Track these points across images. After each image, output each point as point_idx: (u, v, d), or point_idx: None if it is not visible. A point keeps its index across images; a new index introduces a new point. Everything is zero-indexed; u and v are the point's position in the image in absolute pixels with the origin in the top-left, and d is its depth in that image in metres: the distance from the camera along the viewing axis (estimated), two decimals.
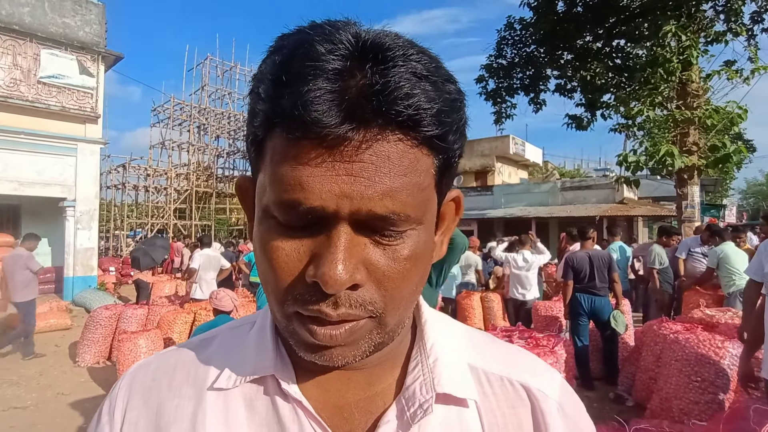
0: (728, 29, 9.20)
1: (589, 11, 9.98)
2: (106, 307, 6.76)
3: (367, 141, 0.36)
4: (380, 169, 0.36)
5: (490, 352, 0.53)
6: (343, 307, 0.38)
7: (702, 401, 3.64)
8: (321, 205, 0.36)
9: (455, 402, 0.47)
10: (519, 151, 24.60)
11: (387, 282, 0.40)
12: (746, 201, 51.06)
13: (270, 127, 0.39)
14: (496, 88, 11.56)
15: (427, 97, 0.37)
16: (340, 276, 0.36)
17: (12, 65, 10.12)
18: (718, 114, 8.84)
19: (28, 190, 10.41)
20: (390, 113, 0.36)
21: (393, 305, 0.41)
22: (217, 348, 0.52)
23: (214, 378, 0.48)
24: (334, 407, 0.47)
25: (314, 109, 0.35)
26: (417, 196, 0.39)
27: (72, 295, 10.47)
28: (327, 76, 0.35)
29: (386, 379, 0.48)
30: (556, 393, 0.50)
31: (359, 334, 0.40)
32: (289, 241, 0.39)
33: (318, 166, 0.36)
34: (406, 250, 0.40)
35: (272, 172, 0.39)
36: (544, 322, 5.85)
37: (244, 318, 0.56)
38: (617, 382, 4.79)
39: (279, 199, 0.38)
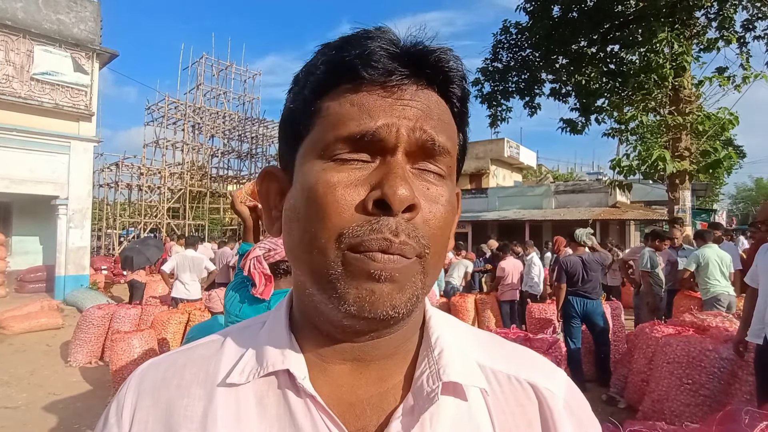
0: (720, 36, 9.33)
1: (584, 17, 10.06)
2: (98, 306, 6.71)
3: (419, 89, 0.45)
4: (430, 110, 0.45)
5: (496, 351, 0.54)
6: (403, 234, 0.41)
7: (693, 403, 3.68)
8: (387, 123, 0.42)
9: (462, 394, 0.48)
10: (513, 154, 24.73)
11: (432, 219, 0.44)
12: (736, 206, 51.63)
13: (330, 85, 0.45)
14: (491, 91, 11.62)
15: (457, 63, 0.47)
16: (404, 192, 0.40)
17: (5, 61, 10.02)
18: (710, 120, 8.95)
19: (20, 188, 10.31)
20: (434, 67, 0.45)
21: (435, 247, 0.44)
22: (228, 346, 0.52)
23: (225, 374, 0.48)
24: (346, 403, 0.47)
25: (379, 58, 0.43)
26: (451, 145, 0.46)
27: (63, 294, 10.38)
28: (385, 40, 0.44)
29: (397, 375, 0.49)
30: (563, 391, 0.51)
31: (407, 272, 0.42)
32: (348, 175, 0.43)
33: (382, 101, 0.43)
34: (446, 194, 0.45)
35: (338, 115, 0.44)
36: (538, 324, 5.89)
37: (254, 318, 0.57)
38: (610, 383, 4.83)
39: (349, 133, 0.42)
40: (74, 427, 4.25)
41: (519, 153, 25.47)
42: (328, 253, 0.42)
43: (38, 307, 8.46)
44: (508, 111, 11.73)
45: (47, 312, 8.35)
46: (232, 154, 26.71)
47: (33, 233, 12.35)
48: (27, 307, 8.44)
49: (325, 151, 0.43)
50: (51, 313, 8.33)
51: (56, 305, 9.04)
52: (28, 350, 6.77)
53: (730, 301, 5.54)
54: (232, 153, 26.68)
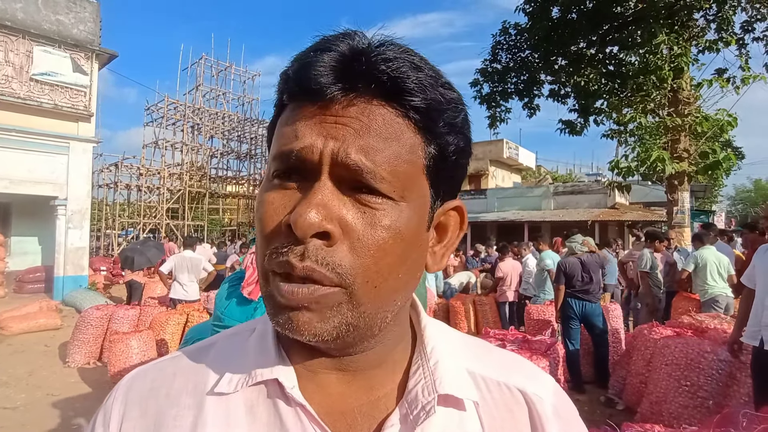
0: (719, 38, 9.34)
1: (584, 18, 10.07)
2: (97, 307, 6.70)
3: (355, 102, 0.41)
4: (364, 126, 0.40)
5: (486, 358, 0.54)
6: (309, 260, 0.39)
7: (691, 405, 3.69)
8: (310, 144, 0.40)
9: (455, 404, 0.47)
10: (512, 155, 24.75)
11: (361, 247, 0.40)
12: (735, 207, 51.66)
13: (282, 102, 0.45)
14: (490, 92, 11.62)
15: (411, 70, 0.41)
16: (309, 216, 0.38)
17: (4, 62, 10.02)
18: (709, 121, 8.97)
19: (19, 188, 10.30)
20: (373, 78, 0.40)
21: (365, 278, 0.40)
22: (217, 354, 0.51)
23: (214, 383, 0.47)
24: (337, 412, 0.46)
25: (311, 72, 0.40)
26: (396, 164, 0.41)
27: (62, 295, 10.36)
28: (333, 52, 0.41)
29: (388, 384, 0.49)
30: (551, 396, 0.52)
31: (325, 302, 0.40)
32: (280, 194, 0.42)
33: (311, 119, 0.41)
34: (386, 219, 0.40)
35: (278, 135, 0.43)
36: (537, 326, 5.89)
37: (243, 325, 0.56)
38: (608, 385, 4.84)
39: (278, 152, 0.42)
40: (72, 427, 4.25)
41: (518, 154, 25.50)
42: (262, 264, 0.42)
43: (37, 308, 8.45)
44: (507, 112, 11.74)
45: (46, 312, 8.34)
46: (231, 154, 26.69)
47: (32, 234, 12.34)
48: (26, 307, 8.43)
49: (269, 170, 0.44)
50: (49, 314, 8.32)
51: (55, 306, 9.03)
52: (27, 351, 6.76)
53: (727, 303, 5.55)
54: (232, 154, 26.66)
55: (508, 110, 11.72)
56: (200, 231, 23.26)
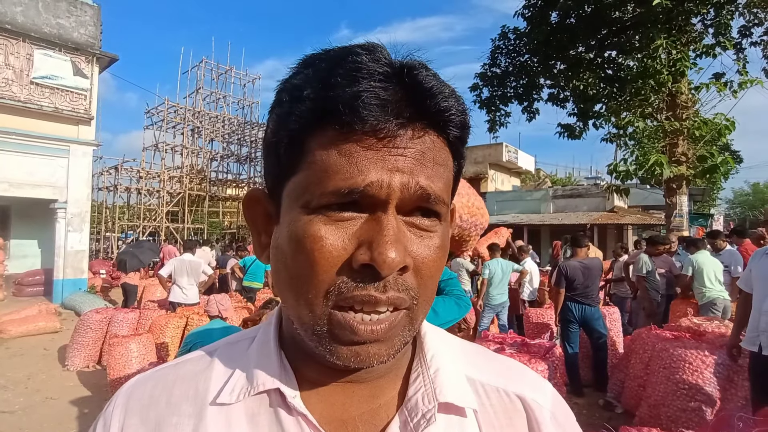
0: (717, 43, 9.39)
1: (582, 23, 10.13)
2: (96, 310, 6.70)
3: (414, 135, 0.41)
4: (425, 156, 0.42)
5: (485, 365, 0.55)
6: (392, 291, 0.40)
7: (689, 409, 3.70)
8: (378, 180, 0.40)
9: (456, 411, 0.48)
10: (512, 158, 24.77)
11: (424, 269, 0.43)
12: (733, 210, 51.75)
13: (317, 125, 0.41)
14: (490, 96, 11.68)
15: (458, 105, 0.44)
16: (395, 257, 0.39)
17: (4, 65, 10.04)
18: (707, 125, 9.01)
19: (19, 192, 10.30)
20: (433, 113, 0.42)
21: (425, 296, 0.44)
22: (218, 363, 0.51)
23: (216, 393, 0.48)
24: (338, 421, 0.47)
25: (371, 103, 0.39)
26: (448, 189, 0.45)
27: (61, 298, 10.35)
28: (376, 78, 0.40)
29: (389, 392, 0.49)
30: (549, 402, 0.53)
31: (396, 329, 0.42)
32: (335, 230, 0.41)
33: (374, 153, 0.40)
34: (438, 240, 0.44)
35: (324, 165, 0.41)
36: (536, 329, 5.90)
37: (242, 333, 0.56)
38: (607, 389, 4.84)
39: (336, 188, 0.40)
40: (71, 431, 4.25)
41: (517, 157, 25.52)
42: (315, 309, 0.41)
43: (36, 311, 8.44)
44: (507, 116, 11.78)
45: (45, 316, 8.33)
46: (231, 157, 26.70)
47: (31, 236, 12.33)
48: (25, 310, 8.43)
49: (311, 203, 0.41)
50: (49, 317, 8.31)
51: (54, 309, 9.02)
52: (26, 354, 6.76)
53: (725, 306, 5.58)
54: (232, 157, 26.66)
55: (508, 114, 11.77)
56: (200, 234, 23.24)
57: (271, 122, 0.46)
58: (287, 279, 0.44)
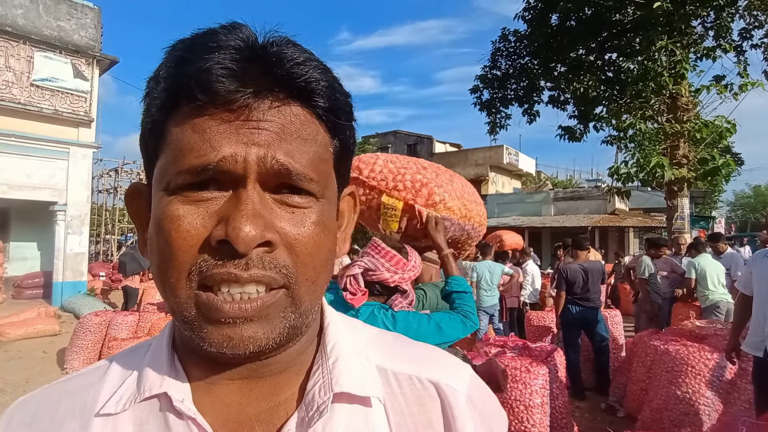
0: (718, 45, 9.39)
1: (582, 25, 10.13)
2: (95, 313, 6.68)
3: (272, 107, 0.40)
4: (285, 129, 0.40)
5: (399, 352, 0.53)
6: (256, 268, 0.39)
7: (692, 412, 3.67)
8: (232, 153, 0.38)
9: (360, 402, 0.46)
10: (512, 161, 24.79)
11: (298, 246, 0.41)
12: (734, 213, 51.77)
13: (172, 105, 0.41)
14: (490, 98, 11.66)
15: (318, 72, 0.42)
16: (250, 231, 0.37)
17: (5, 67, 10.05)
18: (708, 128, 8.99)
19: (18, 194, 10.31)
20: (288, 82, 0.40)
21: (305, 275, 0.41)
22: (111, 373, 0.48)
23: (102, 404, 0.45)
24: (234, 422, 0.45)
25: (219, 74, 0.38)
26: (318, 165, 0.43)
27: (61, 301, 10.34)
28: (229, 50, 0.39)
29: (290, 388, 0.47)
30: (465, 387, 0.51)
31: (274, 309, 0.40)
32: (194, 209, 0.40)
33: (225, 125, 0.39)
34: (313, 215, 0.42)
35: (179, 144, 0.40)
36: (537, 332, 5.88)
37: (147, 341, 0.53)
38: (609, 392, 4.81)
39: (190, 165, 0.39)
40: None
41: (518, 160, 25.53)
42: (180, 293, 0.40)
43: (35, 314, 8.43)
44: (507, 118, 11.76)
45: (44, 318, 8.32)
46: None
47: (31, 239, 12.33)
48: (24, 313, 8.42)
49: (170, 184, 0.40)
50: (48, 320, 8.30)
51: (53, 312, 9.01)
52: (25, 357, 6.74)
53: (728, 309, 5.56)
54: None
55: (508, 116, 11.75)
56: None
57: (143, 110, 0.45)
58: (155, 267, 0.42)
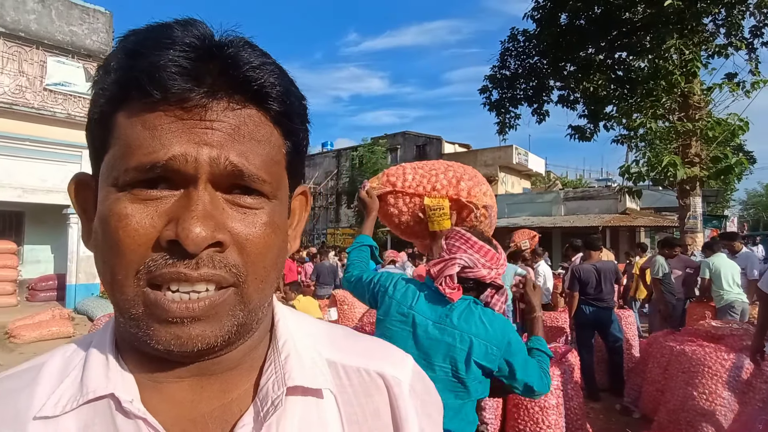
0: (729, 43, 9.29)
1: (592, 24, 10.07)
2: (109, 315, 6.73)
3: (227, 108, 0.40)
4: (239, 131, 0.40)
5: (348, 346, 0.55)
6: (206, 267, 0.39)
7: (708, 413, 3.63)
8: (183, 152, 0.38)
9: (313, 394, 0.48)
10: (522, 161, 24.68)
11: (249, 246, 0.41)
12: (747, 212, 51.10)
13: (122, 97, 0.40)
14: (499, 98, 11.63)
15: (274, 77, 0.42)
16: (200, 232, 0.37)
17: (18, 72, 10.18)
18: (720, 126, 8.89)
19: (32, 197, 10.43)
20: (243, 84, 0.40)
21: (255, 274, 0.42)
22: (45, 374, 0.46)
23: (40, 406, 0.42)
24: (186, 421, 0.44)
25: (173, 71, 0.37)
26: (271, 167, 0.43)
27: (74, 303, 10.44)
28: (184, 48, 0.38)
29: (243, 385, 0.47)
30: (408, 377, 0.54)
31: (222, 308, 0.40)
32: (143, 208, 0.39)
33: (176, 124, 0.38)
34: (264, 216, 0.42)
35: (128, 139, 0.39)
36: (550, 333, 5.84)
37: (80, 338, 0.52)
38: (623, 393, 4.77)
39: (138, 163, 0.38)
40: None
41: (527, 160, 25.42)
42: (127, 291, 0.39)
43: (49, 316, 8.51)
44: (517, 118, 11.73)
45: (58, 320, 8.39)
46: None
47: (44, 242, 12.46)
48: (38, 315, 8.50)
49: (118, 180, 0.39)
50: (62, 322, 8.37)
51: (67, 314, 9.09)
52: None
53: (743, 309, 5.49)
54: None
55: (518, 116, 11.72)
56: None
57: (91, 100, 0.44)
58: (101, 264, 0.42)
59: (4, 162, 9.99)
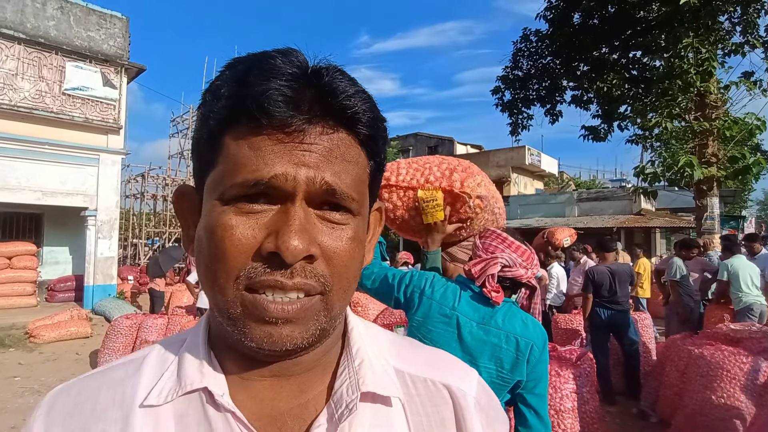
0: (746, 41, 9.13)
1: (606, 23, 9.96)
2: (126, 316, 6.85)
3: (322, 132, 0.44)
4: (332, 153, 0.45)
5: (414, 357, 0.57)
6: (299, 277, 0.43)
7: (727, 417, 3.58)
8: (283, 172, 0.42)
9: (382, 401, 0.50)
10: (535, 161, 24.49)
11: (336, 259, 0.45)
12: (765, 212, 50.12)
13: (231, 121, 0.44)
14: (512, 99, 11.53)
15: (366, 104, 0.46)
16: (298, 245, 0.41)
17: (38, 77, 10.40)
18: (737, 125, 8.74)
19: (51, 200, 10.64)
20: (339, 112, 0.45)
21: (339, 284, 0.46)
22: (147, 366, 0.51)
23: (144, 396, 0.47)
24: (267, 417, 0.48)
25: (279, 99, 0.42)
26: (359, 186, 0.47)
27: (92, 304, 10.62)
28: (287, 77, 0.43)
29: (317, 387, 0.51)
30: (473, 390, 0.56)
31: (309, 312, 0.44)
32: (245, 220, 0.44)
33: (279, 146, 0.43)
34: (350, 232, 0.46)
35: (235, 158, 0.44)
36: (565, 336, 5.80)
37: (175, 336, 0.56)
38: (640, 397, 4.72)
39: (244, 179, 0.43)
40: None
41: (540, 161, 25.21)
42: (228, 293, 0.44)
43: (68, 316, 8.67)
44: (529, 119, 11.61)
45: (76, 321, 8.55)
46: None
47: (63, 244, 12.69)
48: (57, 316, 8.66)
49: (224, 195, 0.44)
50: (80, 322, 8.53)
51: (85, 314, 9.26)
52: (59, 359, 6.94)
53: (762, 311, 5.39)
54: None
55: (530, 117, 11.60)
56: None
57: (196, 121, 0.49)
58: (204, 268, 0.46)
59: (24, 165, 10.21)
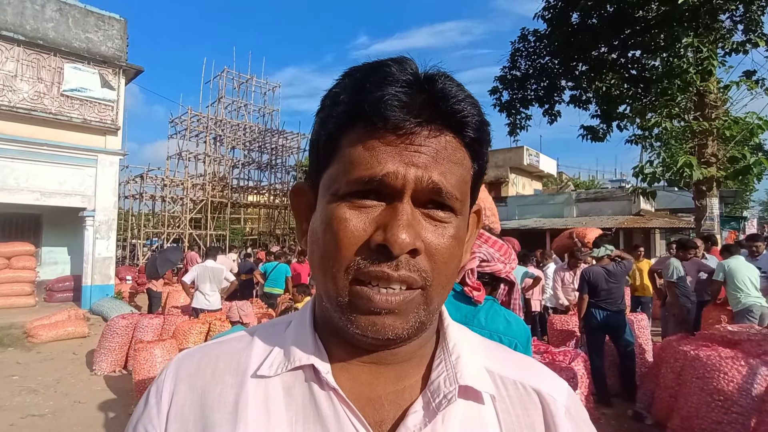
0: (747, 39, 9.09)
1: (604, 23, 9.93)
2: (122, 316, 6.83)
3: (431, 134, 0.47)
4: (440, 154, 0.47)
5: (504, 359, 0.59)
6: (404, 269, 0.46)
7: (725, 421, 3.55)
8: (394, 170, 0.45)
9: (474, 398, 0.53)
10: (533, 162, 24.49)
11: (437, 255, 0.48)
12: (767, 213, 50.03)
13: (349, 125, 0.48)
14: (510, 99, 11.51)
15: (474, 109, 0.49)
16: (405, 239, 0.44)
17: (36, 79, 10.39)
18: (738, 125, 8.70)
19: (49, 200, 10.63)
20: (448, 115, 0.47)
21: (439, 280, 0.48)
22: (257, 342, 0.57)
23: (256, 367, 0.53)
24: (366, 398, 0.51)
25: (394, 105, 0.45)
26: (462, 187, 0.50)
27: (90, 304, 10.61)
28: (402, 84, 0.46)
29: (413, 376, 0.54)
30: (564, 398, 0.57)
31: (410, 305, 0.47)
32: (358, 214, 0.47)
33: (391, 147, 0.46)
34: (452, 230, 0.49)
35: (350, 158, 0.47)
36: (560, 337, 5.77)
37: (280, 318, 0.62)
38: (635, 398, 4.69)
39: (358, 176, 0.46)
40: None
41: (539, 161, 25.20)
42: (338, 282, 0.47)
43: (65, 316, 8.66)
44: (528, 119, 11.59)
45: (74, 321, 8.54)
46: (252, 165, 27.04)
47: (61, 244, 12.69)
48: (55, 315, 8.65)
49: (339, 191, 0.48)
50: (77, 322, 8.51)
51: (83, 314, 9.24)
52: (56, 358, 6.93)
53: (762, 313, 5.34)
54: (253, 164, 27.00)
55: (529, 117, 11.58)
56: (222, 240, 23.57)
57: (315, 124, 0.54)
58: (318, 257, 0.50)
59: (23, 166, 10.21)
